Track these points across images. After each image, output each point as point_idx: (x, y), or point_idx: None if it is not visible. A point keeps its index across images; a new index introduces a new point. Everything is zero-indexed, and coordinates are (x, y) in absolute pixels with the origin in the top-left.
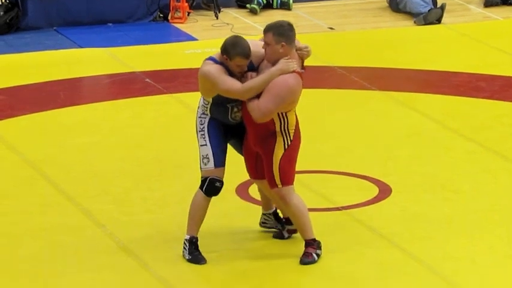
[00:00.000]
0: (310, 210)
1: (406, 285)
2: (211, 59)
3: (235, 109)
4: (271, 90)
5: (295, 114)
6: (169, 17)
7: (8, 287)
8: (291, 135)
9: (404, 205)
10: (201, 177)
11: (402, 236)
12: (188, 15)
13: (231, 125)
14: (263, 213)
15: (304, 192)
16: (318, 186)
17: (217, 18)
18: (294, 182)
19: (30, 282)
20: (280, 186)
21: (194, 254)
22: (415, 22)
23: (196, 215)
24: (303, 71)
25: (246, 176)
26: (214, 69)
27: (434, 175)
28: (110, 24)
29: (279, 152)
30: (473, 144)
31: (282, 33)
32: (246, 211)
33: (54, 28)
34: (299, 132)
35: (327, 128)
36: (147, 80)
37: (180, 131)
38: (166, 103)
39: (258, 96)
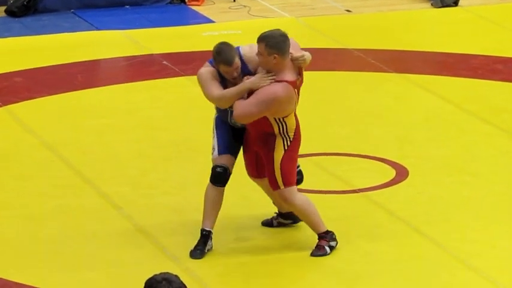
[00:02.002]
0: (328, 192)
1: (423, 268)
2: (210, 61)
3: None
4: (258, 95)
5: (296, 118)
6: (186, 0)
7: (28, 269)
8: (291, 137)
9: (421, 188)
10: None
11: (419, 218)
12: None
13: (235, 128)
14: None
15: (321, 174)
16: (335, 168)
17: (234, 0)
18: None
19: (49, 264)
20: (282, 187)
21: (197, 248)
22: (432, 4)
23: (206, 206)
24: (298, 77)
25: None
26: (205, 72)
27: (452, 158)
28: (127, 6)
29: (279, 152)
30: (491, 127)
31: (274, 45)
32: (263, 193)
33: (72, 10)
34: (299, 134)
35: (344, 110)
36: (164, 62)
37: (197, 113)
38: (183, 85)
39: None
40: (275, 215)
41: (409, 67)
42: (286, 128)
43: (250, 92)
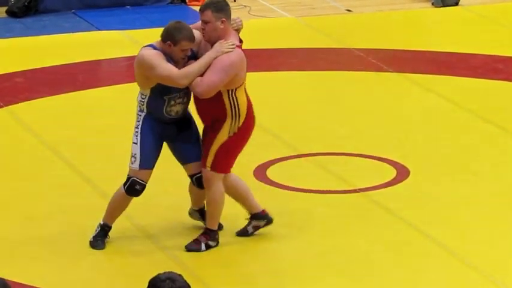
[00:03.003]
0: (328, 192)
1: (424, 268)
2: (150, 45)
3: (172, 102)
4: (214, 66)
5: (247, 96)
6: (187, 0)
7: (28, 268)
8: (240, 120)
9: (422, 187)
10: (127, 175)
11: (420, 218)
12: None
13: (168, 126)
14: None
15: (321, 174)
16: (335, 168)
17: (235, 0)
18: (229, 170)
19: (50, 263)
20: (208, 168)
21: (97, 238)
22: (433, 4)
23: (114, 207)
24: (240, 43)
25: (263, 158)
26: (153, 54)
27: (452, 157)
28: (128, 6)
29: (222, 136)
30: (491, 126)
31: (220, 8)
32: (263, 192)
33: (73, 11)
34: (250, 123)
35: (344, 110)
36: None
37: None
38: None
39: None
40: (247, 220)
41: (410, 66)
42: (238, 106)
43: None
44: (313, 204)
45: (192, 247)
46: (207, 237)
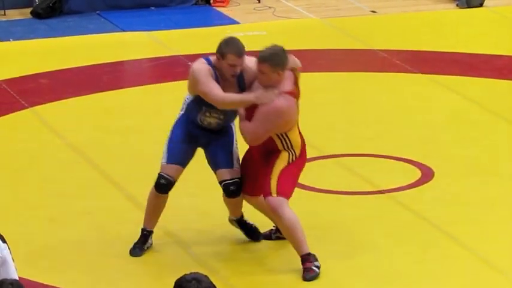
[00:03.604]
0: (353, 193)
1: (448, 268)
2: (205, 59)
3: (207, 113)
4: (260, 115)
5: (301, 136)
6: (211, 1)
7: (52, 270)
8: (297, 153)
9: (446, 188)
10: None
11: (444, 219)
12: None
13: (202, 131)
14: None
15: (346, 175)
16: (360, 169)
17: (259, 1)
18: (290, 199)
19: (74, 265)
20: (274, 195)
21: (136, 245)
22: (457, 5)
23: (149, 209)
24: (294, 87)
25: None
26: (203, 69)
27: (477, 158)
28: (152, 7)
29: (281, 163)
30: None
31: (278, 63)
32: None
33: (97, 12)
34: (305, 154)
35: (369, 111)
36: (189, 63)
37: None
38: None
39: (249, 117)
40: (273, 228)
41: (434, 68)
42: (291, 143)
43: (249, 107)
44: (338, 205)
45: (310, 275)
46: (311, 261)
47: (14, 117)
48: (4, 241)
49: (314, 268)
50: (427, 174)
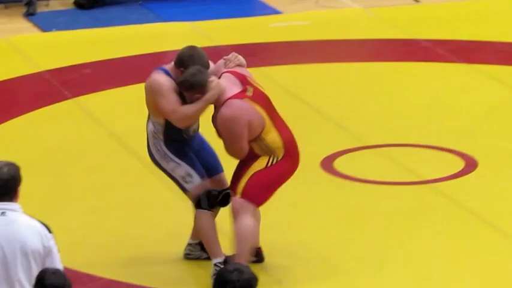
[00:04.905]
0: (395, 183)
1: (491, 260)
2: (162, 69)
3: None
4: (222, 132)
5: (285, 134)
6: None
7: (96, 260)
8: (278, 155)
9: (490, 179)
10: (193, 198)
11: (488, 210)
12: None
13: (189, 142)
14: (188, 243)
15: (389, 165)
16: (403, 159)
17: None
18: (259, 207)
19: (117, 255)
20: (238, 196)
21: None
22: None
23: (207, 237)
24: (247, 87)
25: (330, 150)
26: (165, 81)
27: None
28: None
29: (257, 166)
30: None
31: (198, 88)
32: (330, 184)
33: (140, 2)
34: (293, 153)
35: (412, 101)
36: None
37: None
38: None
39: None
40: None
41: (478, 57)
42: (268, 146)
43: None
44: (380, 196)
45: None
46: None
47: (57, 108)
48: (50, 232)
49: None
50: (470, 165)
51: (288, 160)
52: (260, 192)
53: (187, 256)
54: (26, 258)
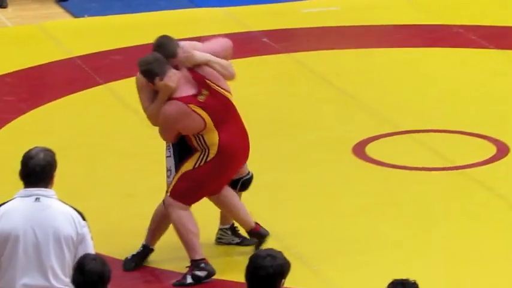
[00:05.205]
0: (428, 169)
1: None
2: None
3: None
4: (159, 121)
5: (218, 137)
6: None
7: (127, 245)
8: (211, 152)
9: None
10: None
11: None
12: None
13: None
14: (219, 228)
15: (421, 151)
16: (435, 145)
17: None
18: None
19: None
20: (168, 194)
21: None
22: None
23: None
24: (202, 91)
25: (362, 135)
26: (139, 79)
27: None
28: None
29: (188, 165)
30: None
31: (151, 75)
32: (362, 170)
33: None
34: (227, 161)
35: (444, 86)
36: (264, 39)
37: (296, 90)
38: (282, 63)
39: None
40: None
41: (510, 43)
42: (205, 142)
43: None
44: (412, 181)
45: (178, 282)
46: (191, 269)
47: (89, 94)
48: (84, 219)
49: (187, 277)
50: (502, 150)
51: (218, 163)
52: (185, 193)
53: (219, 241)
54: (58, 245)
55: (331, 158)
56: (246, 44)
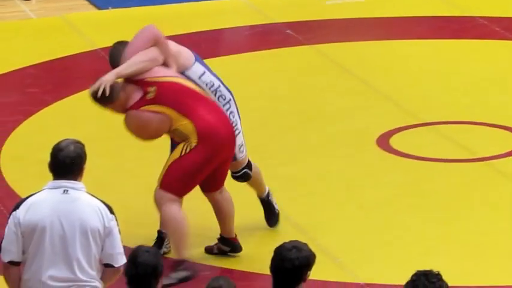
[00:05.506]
0: (451, 161)
1: None
2: None
3: None
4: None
5: (193, 123)
6: None
7: (152, 239)
8: (192, 141)
9: None
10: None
11: None
12: None
13: None
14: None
15: (444, 143)
16: (458, 137)
17: None
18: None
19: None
20: (158, 187)
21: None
22: None
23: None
24: (148, 92)
25: (387, 127)
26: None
27: None
28: None
29: (174, 155)
30: None
31: (105, 102)
32: (386, 161)
33: None
34: (213, 143)
35: (467, 78)
36: (288, 31)
37: (319, 82)
38: (307, 54)
39: None
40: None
41: None
42: (182, 132)
43: None
44: (436, 173)
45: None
46: (175, 269)
47: None
48: (112, 212)
49: (172, 276)
50: None
51: (204, 147)
52: (176, 183)
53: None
54: (85, 237)
55: (355, 149)
56: (269, 36)
